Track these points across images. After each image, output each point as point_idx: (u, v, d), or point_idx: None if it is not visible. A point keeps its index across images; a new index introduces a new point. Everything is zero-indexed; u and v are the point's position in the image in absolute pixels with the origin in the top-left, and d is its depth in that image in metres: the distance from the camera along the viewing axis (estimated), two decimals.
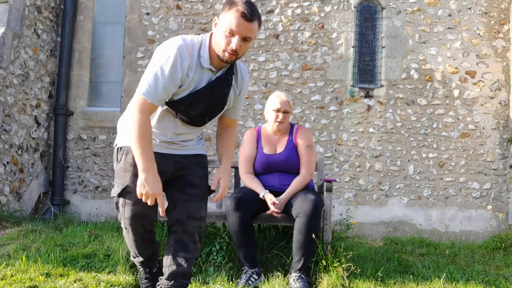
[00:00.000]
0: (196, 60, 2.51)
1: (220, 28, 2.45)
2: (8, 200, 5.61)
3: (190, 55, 2.48)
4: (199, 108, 2.58)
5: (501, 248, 4.79)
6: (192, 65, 2.49)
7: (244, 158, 3.83)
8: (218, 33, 2.46)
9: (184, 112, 2.58)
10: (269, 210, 3.62)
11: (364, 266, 3.80)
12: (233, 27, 2.39)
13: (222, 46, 2.44)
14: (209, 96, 2.57)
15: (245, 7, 2.39)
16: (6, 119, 5.58)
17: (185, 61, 2.45)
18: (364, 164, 6.26)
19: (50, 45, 6.42)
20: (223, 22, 2.44)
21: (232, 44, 2.41)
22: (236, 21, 2.39)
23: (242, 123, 6.36)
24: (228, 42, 2.42)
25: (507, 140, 6.15)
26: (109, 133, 6.47)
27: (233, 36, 2.41)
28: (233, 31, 2.40)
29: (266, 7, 6.47)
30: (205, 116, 2.65)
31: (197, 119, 2.65)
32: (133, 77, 6.50)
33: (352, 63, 6.37)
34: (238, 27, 2.39)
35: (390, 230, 6.05)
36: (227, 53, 2.44)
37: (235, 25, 2.39)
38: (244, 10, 2.38)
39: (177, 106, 2.57)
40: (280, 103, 3.79)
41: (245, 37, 2.43)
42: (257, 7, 2.50)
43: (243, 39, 2.43)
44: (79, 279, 3.40)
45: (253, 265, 3.58)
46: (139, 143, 2.43)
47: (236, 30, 2.40)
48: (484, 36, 6.28)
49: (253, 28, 2.44)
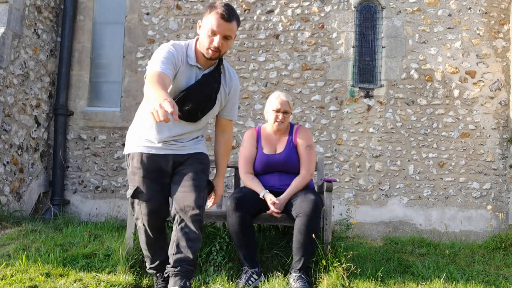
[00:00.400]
0: (185, 59, 2.87)
1: (203, 30, 2.82)
2: (8, 200, 5.61)
3: (179, 52, 2.85)
4: (190, 103, 2.87)
5: (501, 248, 4.79)
6: (182, 60, 2.85)
7: (244, 158, 3.83)
8: (202, 34, 2.84)
9: (179, 108, 2.73)
10: (269, 210, 3.62)
11: (364, 266, 3.80)
12: (214, 28, 2.75)
13: (206, 44, 2.80)
14: (198, 92, 2.88)
15: (223, 9, 2.75)
16: (6, 119, 5.58)
17: (179, 53, 2.83)
18: (364, 164, 6.26)
19: (50, 45, 6.42)
20: (205, 24, 2.80)
21: (215, 43, 2.77)
22: (216, 22, 2.74)
23: (242, 123, 6.36)
24: (210, 41, 2.79)
25: (507, 140, 6.15)
26: (109, 133, 6.47)
27: (215, 36, 2.77)
28: (214, 31, 2.76)
29: (266, 7, 6.47)
30: (197, 111, 2.93)
31: (190, 114, 2.92)
32: (133, 77, 6.50)
33: (352, 63, 6.37)
34: (218, 27, 2.75)
35: (390, 230, 6.05)
36: (210, 51, 2.80)
37: (216, 26, 2.75)
38: (223, 12, 2.74)
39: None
40: (280, 103, 3.79)
41: (226, 35, 2.79)
42: (235, 9, 2.85)
43: (224, 37, 2.78)
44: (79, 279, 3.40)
45: (253, 265, 3.58)
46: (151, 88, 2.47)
47: (217, 30, 2.76)
48: (484, 36, 6.28)
49: (232, 28, 2.79)
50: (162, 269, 3.03)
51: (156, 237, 3.01)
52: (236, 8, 6.44)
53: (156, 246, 3.06)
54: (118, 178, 6.41)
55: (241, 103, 6.39)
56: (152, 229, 2.98)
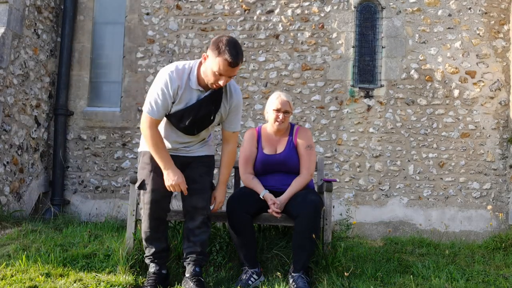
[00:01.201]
0: (186, 82, 3.12)
1: (209, 66, 3.03)
2: (8, 200, 5.61)
3: (180, 78, 3.11)
4: (186, 121, 3.18)
5: (501, 248, 4.79)
6: (181, 85, 3.11)
7: (244, 158, 3.83)
8: (208, 69, 3.05)
9: (175, 124, 3.23)
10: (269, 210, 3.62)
11: (364, 266, 3.79)
12: (222, 72, 2.99)
13: (211, 80, 3.05)
14: (195, 112, 3.16)
15: (231, 57, 2.95)
16: (6, 119, 5.58)
17: (175, 83, 3.09)
18: (364, 164, 6.26)
19: (50, 45, 6.42)
20: (212, 64, 3.01)
21: (220, 82, 3.04)
22: (224, 68, 2.97)
23: (242, 123, 6.36)
24: (216, 79, 3.03)
25: (507, 140, 6.15)
26: (109, 133, 6.47)
27: (220, 76, 3.01)
28: (221, 74, 3.00)
29: (266, 7, 6.47)
30: (193, 128, 3.24)
31: (186, 130, 3.25)
32: (133, 77, 6.50)
33: (352, 63, 6.38)
34: (225, 72, 2.99)
35: (390, 230, 6.05)
36: (215, 86, 3.08)
37: (223, 71, 2.98)
38: (231, 59, 2.95)
39: (169, 119, 3.23)
40: (280, 103, 3.79)
41: (231, 76, 3.06)
42: (240, 47, 3.03)
43: (230, 77, 3.07)
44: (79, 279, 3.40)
45: (253, 265, 3.58)
46: (156, 151, 3.17)
47: (224, 73, 3.00)
48: (484, 36, 6.29)
49: (237, 69, 3.05)
50: (156, 259, 3.35)
51: (155, 226, 3.31)
52: (236, 8, 6.50)
53: (154, 236, 3.33)
54: (118, 178, 6.41)
55: None
56: (153, 218, 3.29)
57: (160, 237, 3.36)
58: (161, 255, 3.38)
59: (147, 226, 3.31)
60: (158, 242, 3.35)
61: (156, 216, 3.31)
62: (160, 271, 3.35)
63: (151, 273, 3.35)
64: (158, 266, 3.35)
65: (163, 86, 3.09)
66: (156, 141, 3.16)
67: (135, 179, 3.70)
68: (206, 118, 3.21)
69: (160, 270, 3.35)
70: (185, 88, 3.12)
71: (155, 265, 3.36)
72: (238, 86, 3.47)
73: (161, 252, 3.37)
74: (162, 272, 3.36)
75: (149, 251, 3.38)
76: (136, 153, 6.40)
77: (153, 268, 3.36)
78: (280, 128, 3.83)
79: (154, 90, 3.12)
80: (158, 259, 3.37)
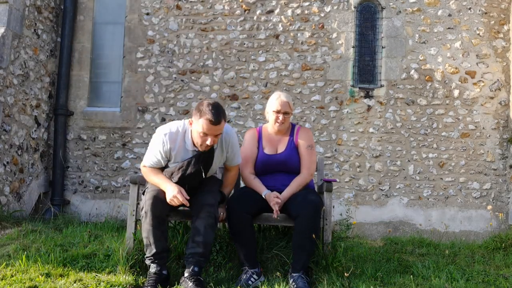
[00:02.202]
0: (181, 143, 3.40)
1: (194, 129, 3.32)
2: (8, 200, 5.61)
3: (174, 141, 3.39)
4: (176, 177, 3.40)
5: (501, 248, 4.79)
6: (174, 148, 3.40)
7: (245, 158, 3.82)
8: (194, 132, 3.34)
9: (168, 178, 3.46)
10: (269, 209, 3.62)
11: (364, 266, 3.79)
12: (206, 131, 3.25)
13: (199, 142, 3.31)
14: (184, 170, 3.40)
15: (212, 116, 3.20)
16: (6, 119, 5.58)
17: (166, 146, 3.40)
18: (364, 164, 6.26)
19: (50, 45, 6.42)
20: (197, 126, 3.28)
21: (207, 142, 3.28)
22: (206, 127, 3.23)
23: (242, 123, 6.36)
24: (203, 140, 3.29)
25: (507, 140, 6.15)
26: (109, 133, 6.47)
27: (206, 136, 3.26)
28: (206, 133, 3.25)
29: (266, 7, 6.47)
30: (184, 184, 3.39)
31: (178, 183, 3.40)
32: (133, 77, 6.50)
33: (352, 63, 6.38)
34: (209, 131, 3.24)
35: (390, 230, 6.05)
36: (203, 146, 3.33)
37: (207, 130, 3.24)
38: (212, 118, 3.20)
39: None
40: (280, 104, 3.79)
41: (216, 135, 3.28)
42: (222, 108, 3.29)
43: (215, 136, 3.29)
44: (79, 279, 3.40)
45: (253, 265, 3.58)
46: (155, 182, 3.45)
47: (208, 133, 3.25)
48: (484, 36, 6.29)
49: (221, 127, 3.28)
50: (157, 260, 3.37)
51: (155, 225, 3.34)
52: (236, 8, 6.50)
53: (155, 235, 3.35)
54: (118, 178, 6.41)
55: (241, 103, 6.39)
56: (153, 216, 3.33)
57: (161, 236, 3.38)
58: (162, 255, 3.40)
59: (148, 223, 3.34)
60: (159, 242, 3.37)
61: (158, 213, 3.34)
62: (161, 272, 3.36)
63: (152, 274, 3.36)
64: (159, 267, 3.37)
65: (158, 146, 3.43)
66: (154, 179, 3.46)
67: (135, 179, 3.71)
68: (197, 175, 3.43)
69: (160, 270, 3.36)
70: (180, 149, 3.42)
71: (156, 266, 3.37)
72: (230, 127, 3.65)
73: (161, 253, 3.39)
74: (162, 272, 3.37)
75: (150, 252, 3.39)
76: (136, 153, 6.40)
77: (153, 268, 3.37)
78: (281, 129, 3.83)
79: (151, 148, 3.49)
80: (159, 259, 3.39)
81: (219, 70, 6.44)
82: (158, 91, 6.47)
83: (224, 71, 6.45)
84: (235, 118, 6.37)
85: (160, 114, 6.44)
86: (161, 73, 6.48)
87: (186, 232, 3.78)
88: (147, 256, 3.42)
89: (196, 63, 6.47)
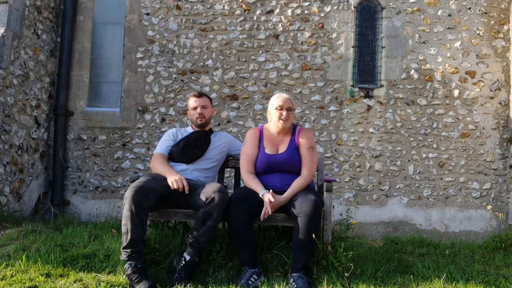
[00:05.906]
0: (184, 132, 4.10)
1: (189, 111, 4.13)
2: (8, 200, 5.61)
3: (180, 130, 4.14)
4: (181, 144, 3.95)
5: (501, 248, 4.79)
6: (179, 132, 4.09)
7: (246, 158, 3.82)
8: (189, 113, 4.14)
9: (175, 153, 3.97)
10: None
11: (364, 266, 3.80)
12: (194, 105, 4.07)
13: (193, 116, 4.08)
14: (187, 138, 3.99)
15: (195, 92, 4.44)
16: (6, 119, 5.58)
17: (174, 131, 4.12)
18: (364, 164, 6.26)
19: (50, 45, 6.42)
20: (188, 107, 4.13)
21: (197, 111, 4.05)
22: (193, 100, 4.10)
23: (242, 123, 6.36)
24: (194, 113, 4.07)
25: (507, 140, 6.15)
26: (109, 133, 6.47)
27: (196, 109, 4.06)
28: (194, 106, 4.07)
29: (266, 7, 6.47)
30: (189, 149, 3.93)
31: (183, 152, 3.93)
32: (133, 77, 6.50)
33: (352, 63, 6.38)
34: (195, 103, 4.07)
35: (390, 230, 6.05)
36: (197, 119, 4.06)
37: (194, 102, 4.08)
38: (195, 93, 4.19)
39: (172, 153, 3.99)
40: (282, 100, 3.80)
41: (202, 105, 4.06)
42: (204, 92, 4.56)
43: (202, 107, 4.05)
44: (79, 280, 3.40)
45: (253, 265, 3.58)
46: (160, 170, 3.82)
47: (196, 105, 4.06)
48: (484, 36, 6.29)
49: (204, 100, 4.10)
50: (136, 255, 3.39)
51: (135, 211, 3.37)
52: (236, 9, 6.50)
53: (133, 221, 3.37)
54: (118, 179, 6.41)
55: (241, 103, 6.39)
56: (133, 202, 3.39)
57: (139, 225, 3.39)
58: (138, 248, 3.39)
59: (127, 209, 3.38)
60: (137, 229, 3.37)
61: (138, 201, 3.38)
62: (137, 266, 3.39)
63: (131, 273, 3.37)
64: (134, 263, 3.38)
65: (168, 133, 4.12)
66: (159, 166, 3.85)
67: (135, 179, 3.71)
68: (198, 141, 3.97)
69: (136, 265, 3.38)
70: (183, 134, 4.08)
71: (131, 263, 3.38)
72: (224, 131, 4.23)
73: (137, 242, 3.38)
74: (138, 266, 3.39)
75: (126, 239, 3.38)
76: (136, 153, 6.41)
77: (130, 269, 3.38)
78: (285, 126, 3.82)
79: (161, 140, 4.09)
80: (136, 253, 3.38)
81: (219, 70, 6.44)
82: (158, 91, 6.47)
83: (224, 71, 6.45)
84: (235, 118, 6.37)
85: (160, 114, 6.44)
86: (161, 73, 6.49)
87: (186, 232, 3.79)
88: (123, 247, 3.39)
89: (196, 63, 6.47)
